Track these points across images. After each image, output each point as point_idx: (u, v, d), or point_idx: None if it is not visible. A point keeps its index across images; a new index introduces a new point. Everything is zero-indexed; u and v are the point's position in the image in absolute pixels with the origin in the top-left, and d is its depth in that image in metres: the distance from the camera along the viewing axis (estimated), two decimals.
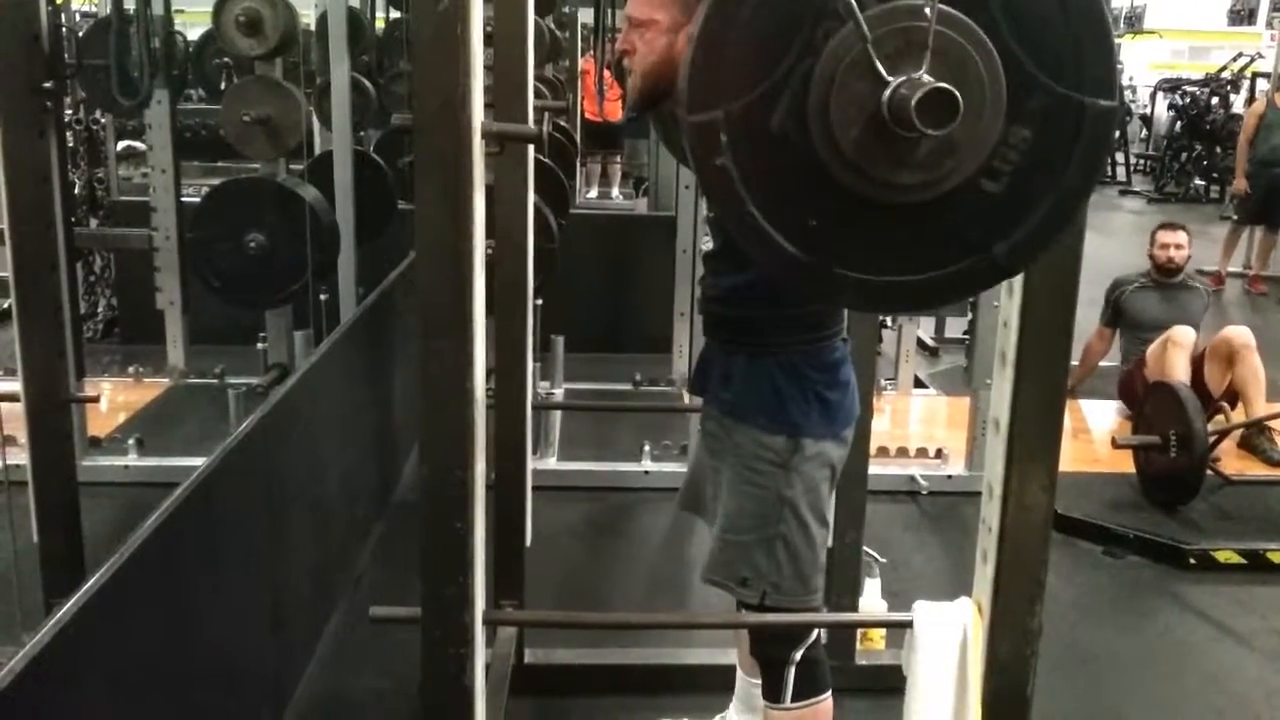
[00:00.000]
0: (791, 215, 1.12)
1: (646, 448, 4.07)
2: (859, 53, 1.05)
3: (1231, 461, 4.28)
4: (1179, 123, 13.56)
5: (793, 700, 1.95)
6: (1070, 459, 3.92)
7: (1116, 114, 1.13)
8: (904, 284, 1.16)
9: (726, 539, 1.92)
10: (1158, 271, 4.99)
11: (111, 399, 4.32)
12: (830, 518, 2.03)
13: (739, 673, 2.39)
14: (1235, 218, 8.50)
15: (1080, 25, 1.09)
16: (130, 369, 4.54)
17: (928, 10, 1.05)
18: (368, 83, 4.47)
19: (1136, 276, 5.05)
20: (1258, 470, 4.32)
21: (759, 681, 2.04)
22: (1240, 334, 4.55)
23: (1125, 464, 4.10)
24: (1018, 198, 1.14)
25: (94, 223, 5.17)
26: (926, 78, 1.04)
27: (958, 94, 1.03)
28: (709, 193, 1.14)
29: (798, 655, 1.94)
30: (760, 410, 1.88)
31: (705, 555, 1.98)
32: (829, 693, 1.99)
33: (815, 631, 1.98)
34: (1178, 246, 4.96)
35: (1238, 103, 12.84)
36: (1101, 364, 5.13)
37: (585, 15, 7.74)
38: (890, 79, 1.05)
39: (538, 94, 3.09)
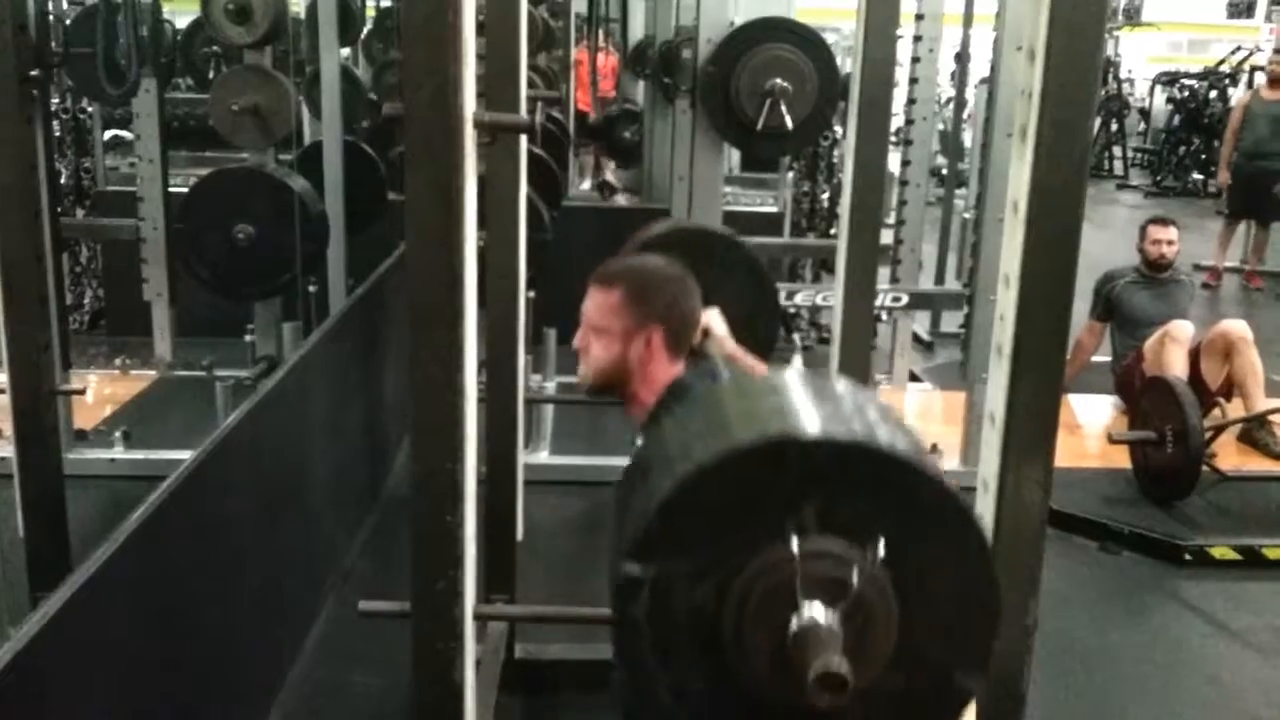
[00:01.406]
0: (685, 676, 1.18)
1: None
2: (785, 577, 1.10)
3: (1229, 456, 4.27)
4: (1177, 116, 13.52)
5: None
6: (1066, 454, 3.90)
7: (979, 690, 1.22)
8: None
9: None
10: (1148, 267, 4.97)
11: (98, 391, 4.28)
12: None
13: None
14: (1226, 213, 8.48)
15: (979, 618, 1.17)
16: (117, 361, 4.51)
17: (855, 573, 1.10)
18: (358, 72, 4.44)
19: (1128, 270, 5.04)
20: (1255, 465, 4.31)
21: None
22: (1236, 327, 4.54)
23: (1121, 459, 4.09)
24: None
25: (80, 213, 5.14)
26: (834, 658, 1.07)
27: (849, 679, 1.06)
28: (617, 635, 1.18)
29: None
30: None
31: None
32: None
33: None
34: (1169, 242, 4.94)
35: (1236, 96, 12.83)
36: (1094, 359, 5.12)
37: (579, 5, 7.73)
38: (800, 619, 1.09)
39: (530, 84, 3.06)
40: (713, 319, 2.14)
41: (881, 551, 1.11)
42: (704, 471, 1.13)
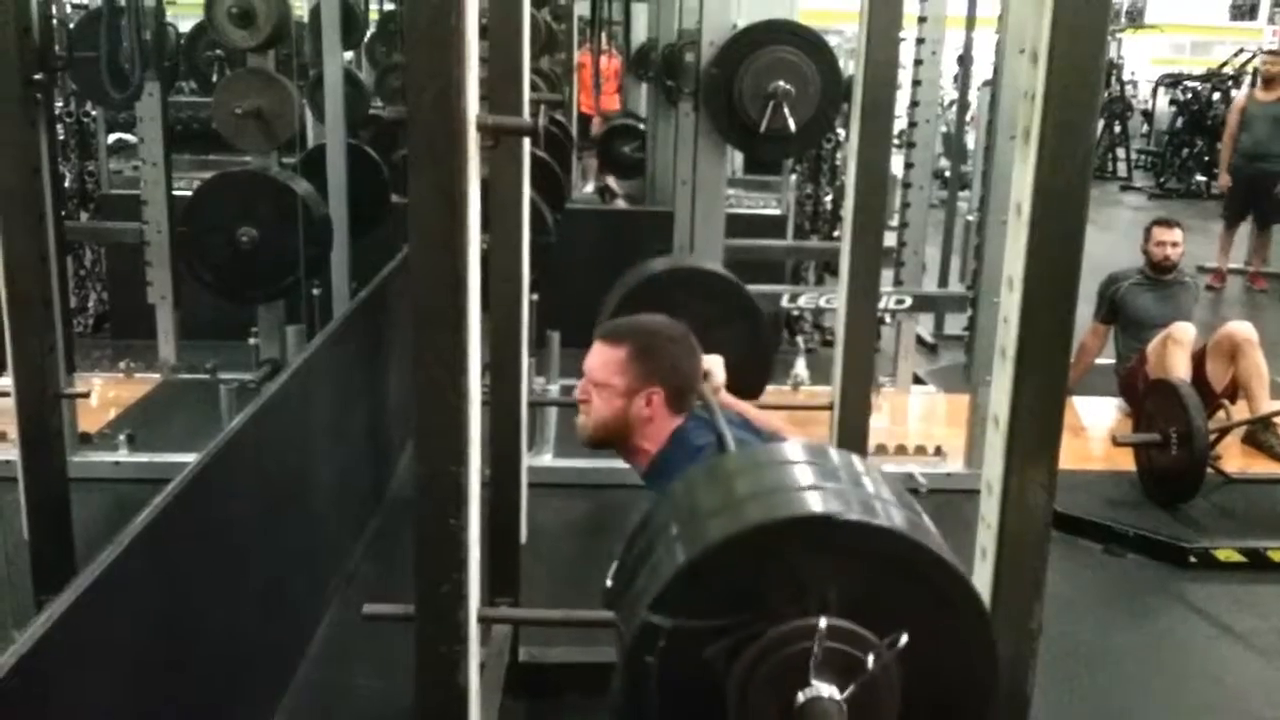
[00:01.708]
0: None
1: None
2: (799, 653, 1.13)
3: (1234, 458, 4.26)
4: (1180, 118, 13.49)
5: None
6: (1070, 456, 3.89)
7: None
8: None
9: None
10: (1152, 269, 4.96)
11: (102, 394, 4.29)
12: None
13: None
14: (1225, 215, 8.45)
15: (975, 701, 1.22)
16: (121, 364, 4.51)
17: (871, 659, 1.13)
18: (362, 75, 4.45)
19: (1132, 272, 5.03)
20: (1259, 467, 4.30)
21: None
22: (1242, 329, 4.53)
23: (1126, 462, 4.08)
24: None
25: (84, 216, 5.14)
26: None
27: None
28: (626, 679, 1.21)
29: None
30: None
31: None
32: None
33: None
34: (1174, 244, 4.93)
35: (1239, 98, 12.80)
36: (1097, 361, 5.11)
37: (582, 8, 7.74)
38: (808, 694, 1.12)
39: (533, 87, 3.07)
40: (713, 366, 2.16)
41: (903, 641, 1.13)
42: (738, 537, 1.15)
